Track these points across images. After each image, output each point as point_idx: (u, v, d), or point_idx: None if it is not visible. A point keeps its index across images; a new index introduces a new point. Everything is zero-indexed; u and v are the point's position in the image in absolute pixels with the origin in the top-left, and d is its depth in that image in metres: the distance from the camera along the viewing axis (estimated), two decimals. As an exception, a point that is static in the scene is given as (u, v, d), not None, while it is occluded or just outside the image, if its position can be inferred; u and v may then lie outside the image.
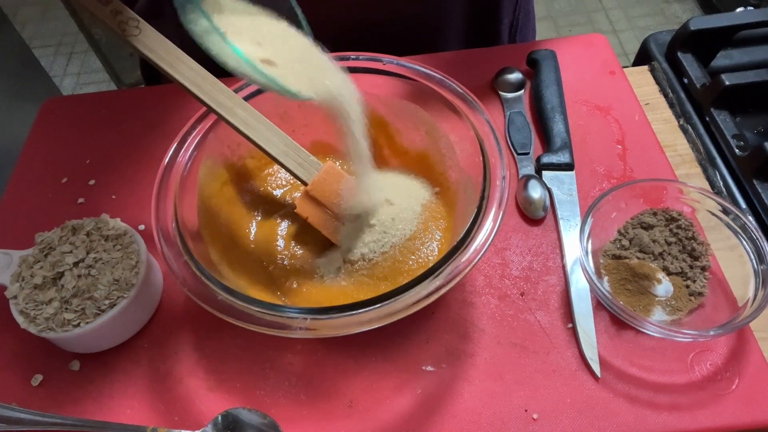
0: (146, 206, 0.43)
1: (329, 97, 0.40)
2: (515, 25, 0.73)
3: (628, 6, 2.12)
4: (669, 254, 0.46)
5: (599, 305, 0.46)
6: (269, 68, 0.36)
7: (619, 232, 0.48)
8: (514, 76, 0.61)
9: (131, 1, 0.42)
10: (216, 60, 0.36)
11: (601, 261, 0.47)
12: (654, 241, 0.46)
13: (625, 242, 0.47)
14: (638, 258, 0.46)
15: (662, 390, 0.42)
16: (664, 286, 0.44)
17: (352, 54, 0.50)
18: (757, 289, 0.43)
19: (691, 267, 0.46)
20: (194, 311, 0.48)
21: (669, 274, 0.45)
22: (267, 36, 0.40)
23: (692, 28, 0.62)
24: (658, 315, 0.44)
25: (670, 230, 0.47)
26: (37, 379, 0.45)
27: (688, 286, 0.45)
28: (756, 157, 0.53)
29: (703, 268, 0.46)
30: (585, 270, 0.44)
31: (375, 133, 0.53)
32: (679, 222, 0.47)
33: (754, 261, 0.44)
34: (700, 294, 0.45)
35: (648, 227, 0.47)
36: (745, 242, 0.45)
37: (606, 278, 0.46)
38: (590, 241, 0.46)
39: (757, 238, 0.44)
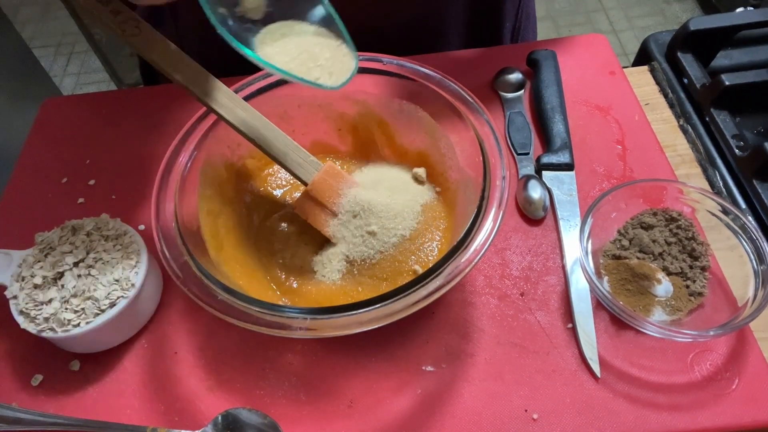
0: (146, 206, 0.43)
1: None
2: (517, 27, 0.73)
3: (628, 6, 2.12)
4: (669, 254, 0.46)
5: (599, 305, 0.46)
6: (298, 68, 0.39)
7: (619, 232, 0.48)
8: (514, 76, 0.61)
9: (131, 6, 0.43)
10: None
11: (601, 261, 0.47)
12: (654, 242, 0.46)
13: (625, 242, 0.47)
14: (638, 258, 0.46)
15: (662, 390, 0.42)
16: (663, 286, 0.44)
17: (352, 54, 0.50)
18: (756, 289, 0.43)
19: (691, 267, 0.46)
20: (194, 311, 0.48)
21: (669, 274, 0.45)
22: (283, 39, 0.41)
23: (692, 28, 0.62)
24: (658, 315, 0.44)
25: (670, 230, 0.47)
26: (37, 379, 0.45)
27: (688, 286, 0.45)
28: (756, 157, 0.53)
29: (703, 268, 0.46)
30: (585, 270, 0.44)
31: (375, 133, 0.53)
32: (679, 222, 0.47)
33: (753, 261, 0.44)
34: (700, 294, 0.45)
35: (648, 227, 0.47)
36: (745, 242, 0.45)
37: (606, 278, 0.46)
38: (590, 241, 0.46)
39: (757, 239, 0.44)
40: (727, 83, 0.57)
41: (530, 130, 0.57)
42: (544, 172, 0.54)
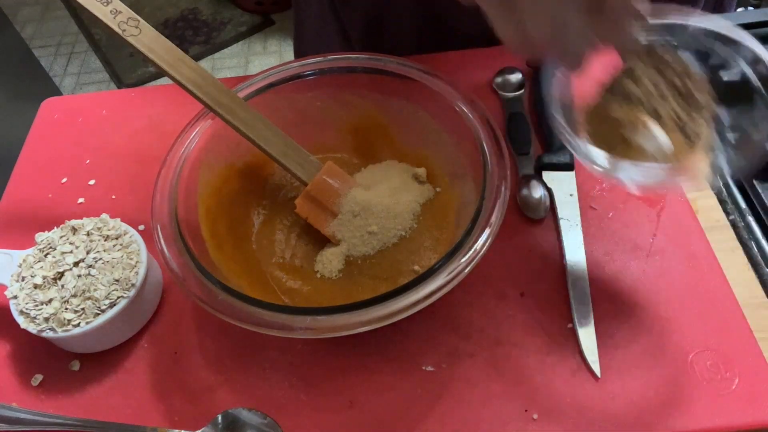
0: (146, 206, 0.43)
1: None
2: None
3: (628, 6, 2.11)
4: (661, 100, 0.39)
5: (599, 305, 0.46)
6: None
7: (602, 85, 0.41)
8: (514, 76, 0.61)
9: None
10: None
11: (580, 116, 0.40)
12: (642, 89, 0.39)
13: (609, 95, 0.40)
14: (624, 108, 0.39)
15: (662, 390, 0.42)
16: (654, 136, 0.38)
17: (352, 54, 0.50)
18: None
19: (687, 114, 0.38)
20: (194, 311, 0.48)
21: (661, 123, 0.38)
22: None
23: (692, 28, 0.62)
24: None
25: (661, 75, 0.39)
26: (37, 379, 0.45)
27: (684, 136, 0.38)
28: (756, 157, 0.52)
29: (700, 111, 0.38)
30: (556, 123, 0.38)
31: (375, 133, 0.53)
32: (671, 65, 0.39)
33: (754, 262, 0.44)
34: (698, 137, 0.38)
35: (635, 78, 0.40)
36: (745, 243, 0.45)
37: (585, 134, 0.40)
38: (567, 96, 0.41)
39: (757, 239, 0.44)
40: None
41: (530, 130, 0.57)
42: (544, 172, 0.54)
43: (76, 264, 0.44)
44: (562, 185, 0.53)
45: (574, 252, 0.49)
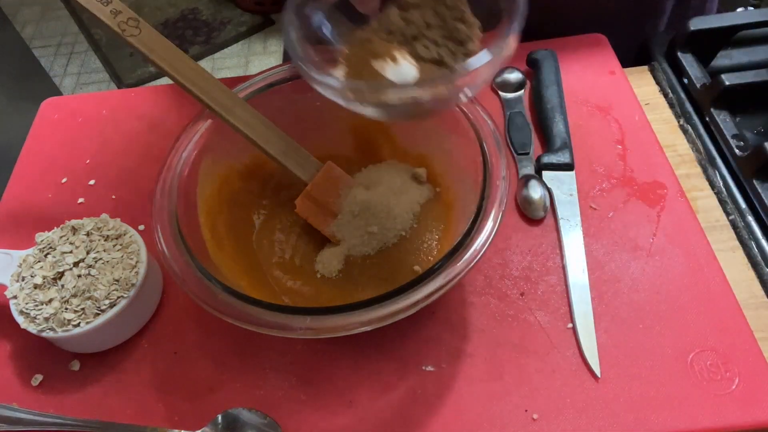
0: (146, 206, 0.43)
1: None
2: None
3: (628, 6, 2.11)
4: (425, 38, 0.36)
5: (599, 305, 0.46)
6: None
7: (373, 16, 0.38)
8: (514, 76, 0.61)
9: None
10: None
11: (345, 45, 0.37)
12: (407, 22, 0.36)
13: (375, 24, 0.37)
14: (382, 37, 0.37)
15: (662, 390, 0.42)
16: (402, 69, 0.35)
17: (352, 54, 0.50)
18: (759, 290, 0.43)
19: (453, 54, 0.36)
20: (194, 311, 0.48)
21: (423, 61, 0.36)
22: None
23: (692, 28, 0.62)
24: None
25: (434, 11, 0.37)
26: (37, 379, 0.45)
27: (439, 68, 0.36)
28: (756, 157, 0.53)
29: (467, 54, 0.36)
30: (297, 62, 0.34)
31: (375, 133, 0.53)
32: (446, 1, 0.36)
33: (754, 261, 0.44)
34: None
35: (407, 7, 0.37)
36: (745, 243, 0.45)
37: (341, 69, 0.37)
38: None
39: (758, 239, 0.44)
40: (727, 83, 0.57)
41: (530, 130, 0.57)
42: (544, 172, 0.54)
43: (76, 264, 0.44)
44: (562, 185, 0.53)
45: (574, 252, 0.49)
